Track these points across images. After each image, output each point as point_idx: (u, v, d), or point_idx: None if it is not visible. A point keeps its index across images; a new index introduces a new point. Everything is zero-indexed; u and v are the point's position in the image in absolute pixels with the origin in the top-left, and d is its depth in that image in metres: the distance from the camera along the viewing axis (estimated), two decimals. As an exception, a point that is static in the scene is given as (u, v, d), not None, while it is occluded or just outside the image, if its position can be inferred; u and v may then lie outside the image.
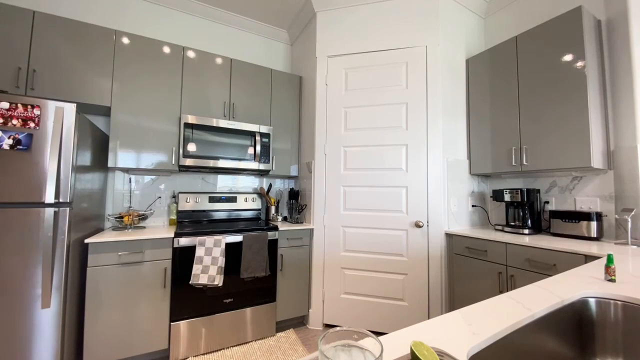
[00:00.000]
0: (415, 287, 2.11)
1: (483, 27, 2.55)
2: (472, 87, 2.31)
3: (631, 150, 1.63)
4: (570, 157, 1.70)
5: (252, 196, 2.70)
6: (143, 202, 2.32)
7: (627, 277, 0.97)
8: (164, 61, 2.17)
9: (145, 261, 1.79)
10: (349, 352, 0.41)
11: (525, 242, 1.63)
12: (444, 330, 0.60)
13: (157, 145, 2.13)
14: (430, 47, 2.18)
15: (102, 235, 1.76)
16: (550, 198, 2.02)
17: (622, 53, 1.68)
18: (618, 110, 1.71)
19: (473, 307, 0.70)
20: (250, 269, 2.03)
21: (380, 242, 2.20)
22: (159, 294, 1.82)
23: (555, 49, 1.78)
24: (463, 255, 1.98)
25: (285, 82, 2.71)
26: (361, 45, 2.34)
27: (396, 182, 2.18)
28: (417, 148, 2.15)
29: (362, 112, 2.31)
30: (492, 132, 2.14)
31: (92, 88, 1.94)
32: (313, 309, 2.34)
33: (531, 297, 0.76)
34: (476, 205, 2.34)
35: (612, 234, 1.70)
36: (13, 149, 1.41)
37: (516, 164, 1.97)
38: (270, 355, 1.92)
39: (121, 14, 2.37)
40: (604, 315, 0.81)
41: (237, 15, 2.81)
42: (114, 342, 1.69)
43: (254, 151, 2.39)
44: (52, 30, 1.83)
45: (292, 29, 2.98)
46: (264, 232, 2.16)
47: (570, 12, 1.71)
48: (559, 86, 1.76)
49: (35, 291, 1.43)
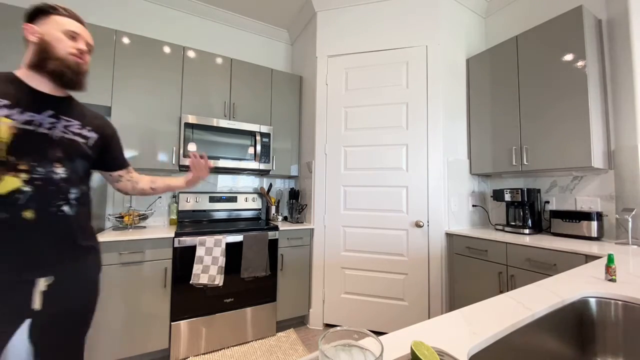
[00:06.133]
0: (416, 287, 2.11)
1: (483, 26, 2.54)
2: (473, 87, 2.31)
3: (632, 150, 1.63)
4: (570, 157, 1.70)
5: (253, 196, 2.70)
6: (143, 202, 2.32)
7: (627, 277, 0.96)
8: (164, 61, 2.17)
9: (145, 261, 1.79)
10: (350, 351, 0.41)
11: (526, 241, 1.63)
12: (444, 330, 0.60)
13: (158, 145, 2.13)
14: (430, 46, 2.18)
15: (102, 235, 1.76)
16: (550, 198, 2.02)
17: (623, 53, 1.67)
18: (619, 110, 1.70)
19: (473, 306, 0.70)
20: (251, 269, 2.04)
21: (380, 242, 2.20)
22: (159, 293, 1.82)
23: (555, 48, 1.78)
24: (463, 255, 1.98)
25: (285, 82, 2.71)
26: (361, 44, 2.34)
27: (396, 182, 2.18)
28: (418, 148, 2.15)
29: (363, 111, 2.31)
30: (493, 132, 2.14)
31: (92, 88, 1.93)
32: (313, 308, 2.34)
33: (531, 297, 0.76)
34: (476, 205, 2.34)
35: (613, 233, 1.70)
36: (13, 148, 1.41)
37: (516, 164, 1.97)
38: (271, 355, 1.92)
39: (121, 14, 2.37)
40: (604, 315, 0.81)
41: (238, 15, 2.81)
42: (115, 342, 1.69)
43: (254, 151, 2.39)
44: (53, 30, 1.83)
45: (292, 29, 2.98)
46: (264, 231, 2.16)
47: (571, 12, 1.71)
48: (559, 86, 1.76)
49: (36, 291, 1.43)
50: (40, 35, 0.87)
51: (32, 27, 0.87)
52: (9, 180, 0.78)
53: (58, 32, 0.89)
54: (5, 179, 0.78)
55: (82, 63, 0.94)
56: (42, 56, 0.86)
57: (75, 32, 0.93)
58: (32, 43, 0.88)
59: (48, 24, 0.88)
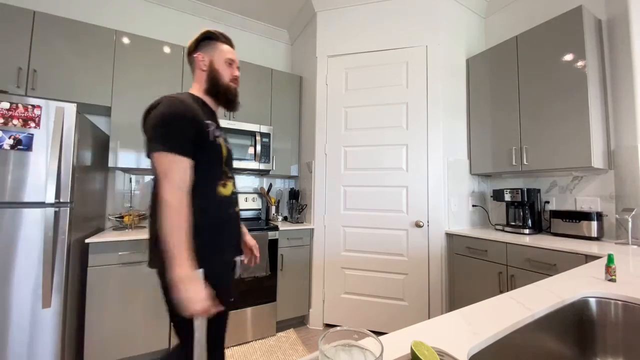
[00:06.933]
0: (416, 287, 2.11)
1: (483, 26, 2.54)
2: (473, 87, 2.31)
3: (632, 150, 1.63)
4: (570, 157, 1.70)
5: (253, 196, 2.70)
6: (143, 202, 2.32)
7: (627, 277, 0.96)
8: (164, 61, 2.17)
9: (145, 261, 1.79)
10: (350, 352, 0.41)
11: (526, 242, 1.63)
12: (444, 330, 0.60)
13: (158, 145, 2.12)
14: (430, 46, 2.18)
15: (102, 235, 1.77)
16: (550, 198, 2.02)
17: (623, 53, 1.67)
18: (619, 110, 1.70)
19: (473, 307, 0.70)
20: (251, 269, 2.03)
21: (380, 241, 2.20)
22: (159, 293, 1.82)
23: (555, 48, 1.78)
24: (463, 255, 1.98)
25: (285, 82, 2.71)
26: (361, 45, 2.34)
27: (396, 182, 2.18)
28: (418, 148, 2.15)
29: (363, 111, 2.31)
30: (493, 132, 2.14)
31: (93, 88, 1.94)
32: (313, 308, 2.34)
33: (531, 297, 0.76)
34: (476, 205, 2.34)
35: (613, 233, 1.70)
36: (14, 149, 1.41)
37: (516, 164, 1.97)
38: (271, 355, 1.92)
39: (121, 14, 2.37)
40: (604, 315, 0.81)
41: (238, 15, 2.81)
42: (115, 342, 1.69)
43: (254, 151, 2.39)
44: (52, 30, 1.83)
45: (292, 29, 2.98)
46: (264, 231, 2.16)
47: (571, 12, 1.71)
48: (559, 86, 1.76)
49: (36, 291, 1.43)
50: (209, 66, 1.04)
51: (202, 58, 1.04)
52: (229, 185, 1.04)
53: (221, 61, 1.05)
54: (228, 185, 1.03)
55: (237, 87, 1.11)
56: (213, 83, 1.05)
57: (232, 59, 1.08)
58: (201, 71, 1.05)
59: (213, 52, 1.05)
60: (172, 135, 0.86)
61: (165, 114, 0.87)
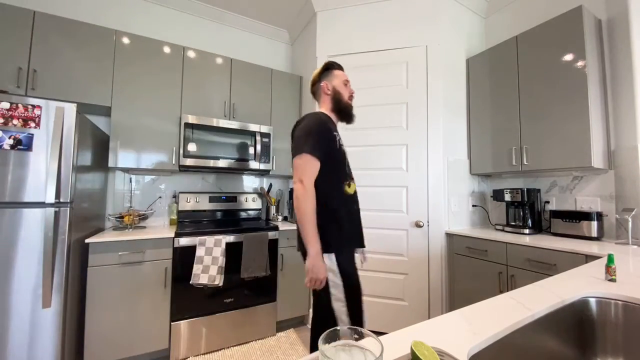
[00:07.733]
0: (416, 287, 2.11)
1: (483, 26, 2.54)
2: (473, 87, 2.31)
3: (632, 150, 1.63)
4: (570, 157, 1.70)
5: (253, 196, 2.70)
6: (143, 202, 2.32)
7: (627, 277, 0.96)
8: (164, 61, 2.17)
9: (145, 261, 1.79)
10: (350, 351, 0.41)
11: (526, 242, 1.63)
12: (444, 330, 0.60)
13: (158, 145, 2.13)
14: (430, 46, 2.18)
15: (102, 235, 1.77)
16: (550, 198, 2.02)
17: (623, 53, 1.67)
18: (619, 110, 1.70)
19: (473, 307, 0.70)
20: (251, 269, 2.03)
21: (380, 242, 2.20)
22: (159, 293, 1.82)
23: (555, 48, 1.78)
24: (463, 255, 1.98)
25: (285, 81, 2.71)
26: (361, 45, 2.33)
27: (396, 182, 2.18)
28: (418, 148, 2.15)
29: (363, 111, 2.29)
30: (493, 132, 2.14)
31: (93, 88, 1.94)
32: (313, 308, 2.33)
33: (532, 297, 0.76)
34: (476, 205, 2.34)
35: (613, 233, 1.69)
36: (14, 149, 1.41)
37: (516, 164, 1.97)
38: (271, 355, 1.92)
39: (121, 14, 2.37)
40: (604, 315, 0.81)
41: (238, 15, 2.81)
42: (115, 342, 1.69)
43: (254, 151, 2.39)
44: (52, 30, 1.83)
45: (292, 29, 2.98)
46: (264, 231, 2.16)
47: (571, 12, 1.71)
48: (559, 86, 1.76)
49: (36, 291, 1.43)
50: (332, 90, 1.31)
51: (327, 85, 1.32)
52: (352, 185, 1.27)
53: (340, 83, 1.33)
54: (352, 185, 1.27)
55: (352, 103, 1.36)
56: (336, 102, 1.31)
57: (347, 80, 1.36)
58: (326, 95, 1.32)
59: (332, 78, 1.33)
60: (312, 142, 1.13)
61: (308, 126, 1.18)
